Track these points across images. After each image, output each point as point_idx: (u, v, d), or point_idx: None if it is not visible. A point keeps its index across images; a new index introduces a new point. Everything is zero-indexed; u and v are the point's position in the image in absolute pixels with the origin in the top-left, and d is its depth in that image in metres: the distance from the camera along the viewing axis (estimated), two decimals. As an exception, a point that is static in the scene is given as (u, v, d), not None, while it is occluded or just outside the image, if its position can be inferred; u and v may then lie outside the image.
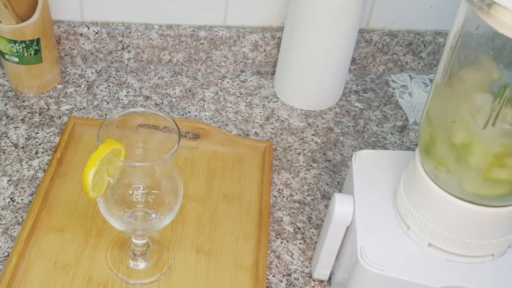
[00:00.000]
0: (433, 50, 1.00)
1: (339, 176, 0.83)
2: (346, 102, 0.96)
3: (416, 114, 0.94)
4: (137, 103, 0.91)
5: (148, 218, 0.64)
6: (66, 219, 0.74)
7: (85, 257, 0.70)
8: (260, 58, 0.98)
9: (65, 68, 0.96)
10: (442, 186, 0.56)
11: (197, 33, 0.95)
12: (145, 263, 0.70)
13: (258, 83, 0.97)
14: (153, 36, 0.94)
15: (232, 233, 0.74)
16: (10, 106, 0.89)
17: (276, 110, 0.93)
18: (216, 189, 0.79)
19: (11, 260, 0.67)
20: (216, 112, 0.91)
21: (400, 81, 1.00)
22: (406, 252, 0.59)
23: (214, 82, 0.97)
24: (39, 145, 0.83)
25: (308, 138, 0.89)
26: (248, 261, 0.72)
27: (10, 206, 0.75)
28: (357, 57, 1.00)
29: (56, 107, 0.89)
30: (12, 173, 0.79)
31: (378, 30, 0.99)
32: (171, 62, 0.98)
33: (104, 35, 0.94)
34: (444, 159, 0.55)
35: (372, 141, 0.89)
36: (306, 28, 0.85)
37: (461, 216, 0.56)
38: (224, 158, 0.83)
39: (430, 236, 0.58)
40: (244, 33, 0.95)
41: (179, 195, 0.64)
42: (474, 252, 0.58)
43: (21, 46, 0.85)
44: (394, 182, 0.65)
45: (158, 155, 0.63)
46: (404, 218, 0.60)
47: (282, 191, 0.81)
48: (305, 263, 0.73)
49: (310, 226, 0.77)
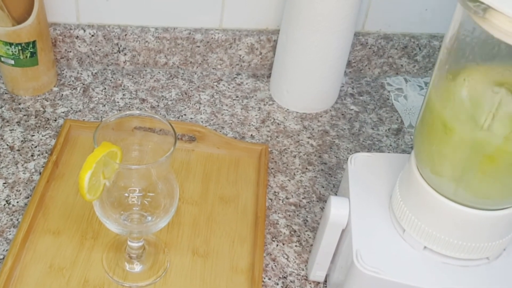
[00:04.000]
0: (428, 53, 1.00)
1: (335, 178, 0.84)
2: (342, 105, 0.96)
3: (411, 117, 0.95)
4: (133, 106, 0.91)
5: (144, 221, 0.64)
6: (62, 221, 0.74)
7: (80, 260, 0.70)
8: (256, 61, 0.98)
9: (61, 70, 0.96)
10: (437, 189, 0.56)
11: (193, 36, 0.95)
12: (141, 266, 0.70)
13: (254, 86, 0.98)
14: (149, 39, 0.94)
15: (228, 235, 0.74)
16: (6, 108, 0.88)
17: (272, 113, 0.93)
18: (212, 192, 0.79)
19: (7, 263, 0.67)
20: (212, 115, 0.91)
21: (395, 84, 1.01)
22: (402, 255, 0.59)
23: (210, 85, 0.97)
24: (35, 147, 0.83)
25: (304, 140, 0.89)
26: (244, 263, 0.72)
27: (6, 209, 0.75)
28: (352, 60, 1.00)
29: (52, 110, 0.89)
30: (8, 175, 0.79)
31: (373, 33, 0.99)
32: (167, 65, 0.98)
33: (100, 38, 0.94)
34: (440, 163, 0.55)
35: (367, 144, 0.90)
36: (302, 31, 0.85)
37: (457, 219, 0.56)
38: (220, 161, 0.83)
39: (426, 239, 0.58)
40: (240, 36, 0.96)
41: (175, 198, 0.64)
42: (469, 255, 0.58)
43: (17, 48, 0.85)
44: (389, 185, 0.65)
45: (154, 157, 0.63)
46: (399, 221, 0.60)
47: (278, 194, 0.81)
48: (301, 265, 0.73)
49: (306, 229, 0.77)
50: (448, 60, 0.53)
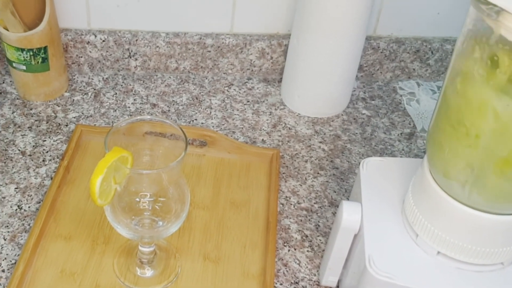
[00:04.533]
0: (441, 57, 1.00)
1: (347, 183, 0.83)
2: (354, 110, 0.95)
3: (424, 121, 0.94)
4: (144, 111, 0.91)
5: (155, 226, 0.64)
6: (73, 226, 0.74)
7: (92, 265, 0.70)
8: (267, 65, 0.98)
9: (72, 76, 0.96)
10: (451, 194, 0.56)
11: (204, 41, 0.95)
12: (152, 271, 0.70)
13: (265, 90, 0.97)
14: (160, 44, 0.95)
15: (239, 240, 0.74)
16: (18, 114, 0.89)
17: (283, 118, 0.93)
18: (223, 197, 0.79)
19: (18, 268, 0.67)
20: (223, 120, 0.91)
21: (407, 88, 1.00)
22: (415, 260, 0.59)
23: (221, 90, 0.97)
24: (46, 152, 0.83)
25: (316, 145, 0.88)
26: (255, 269, 0.71)
27: (18, 214, 0.75)
28: (364, 64, 0.99)
29: (63, 115, 0.89)
30: (20, 180, 0.79)
31: (385, 37, 0.99)
32: (178, 70, 0.98)
33: (111, 43, 0.94)
34: (453, 166, 0.54)
35: (379, 148, 0.89)
36: (313, 35, 0.85)
37: (471, 224, 0.55)
38: (231, 166, 0.83)
39: (439, 244, 0.58)
40: (251, 40, 0.95)
41: (186, 203, 0.64)
42: (484, 260, 0.57)
43: (29, 54, 0.85)
44: (402, 190, 0.65)
45: (165, 162, 0.63)
46: (412, 226, 0.60)
47: (290, 199, 0.80)
48: (312, 271, 0.72)
49: (318, 234, 0.76)
50: (461, 63, 0.53)
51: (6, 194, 0.77)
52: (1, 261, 0.70)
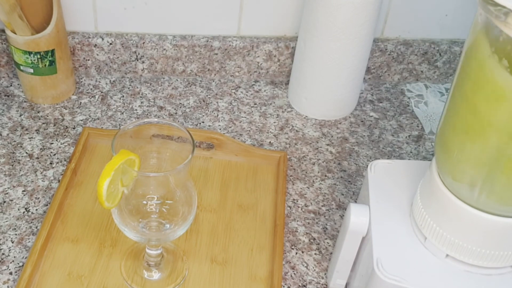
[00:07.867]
0: (449, 59, 0.99)
1: (355, 186, 0.83)
2: (361, 112, 0.95)
3: (432, 123, 0.94)
4: (151, 114, 0.91)
5: (162, 229, 0.64)
6: (80, 229, 0.74)
7: (99, 268, 0.70)
8: (274, 68, 0.98)
9: (80, 78, 0.97)
10: (459, 196, 0.55)
11: (211, 43, 0.95)
12: (159, 274, 0.70)
13: (272, 93, 0.97)
14: (167, 47, 0.95)
15: (247, 243, 0.74)
16: (25, 116, 0.89)
17: (290, 120, 0.92)
18: (230, 199, 0.79)
19: (26, 270, 0.67)
20: (230, 122, 0.91)
21: (415, 91, 1.00)
22: (423, 263, 0.59)
23: (228, 92, 0.97)
24: (54, 155, 0.83)
25: (323, 148, 0.88)
26: (263, 272, 0.71)
27: (25, 216, 0.75)
28: (372, 66, 0.99)
29: (70, 118, 0.89)
30: (27, 183, 0.79)
31: (393, 39, 0.98)
32: (185, 73, 0.98)
33: (118, 46, 0.94)
34: (462, 169, 0.54)
35: (387, 150, 0.89)
36: (320, 37, 0.85)
37: (480, 227, 0.55)
38: (238, 168, 0.83)
39: (448, 247, 0.57)
40: (258, 43, 0.95)
41: (193, 205, 0.63)
42: (493, 263, 0.57)
43: (36, 57, 0.86)
44: (410, 192, 0.64)
45: (172, 165, 0.63)
46: (421, 229, 0.60)
47: (297, 201, 0.80)
48: (320, 274, 0.72)
49: (325, 237, 0.76)
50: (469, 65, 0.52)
51: (13, 197, 0.77)
52: (9, 263, 0.70)
